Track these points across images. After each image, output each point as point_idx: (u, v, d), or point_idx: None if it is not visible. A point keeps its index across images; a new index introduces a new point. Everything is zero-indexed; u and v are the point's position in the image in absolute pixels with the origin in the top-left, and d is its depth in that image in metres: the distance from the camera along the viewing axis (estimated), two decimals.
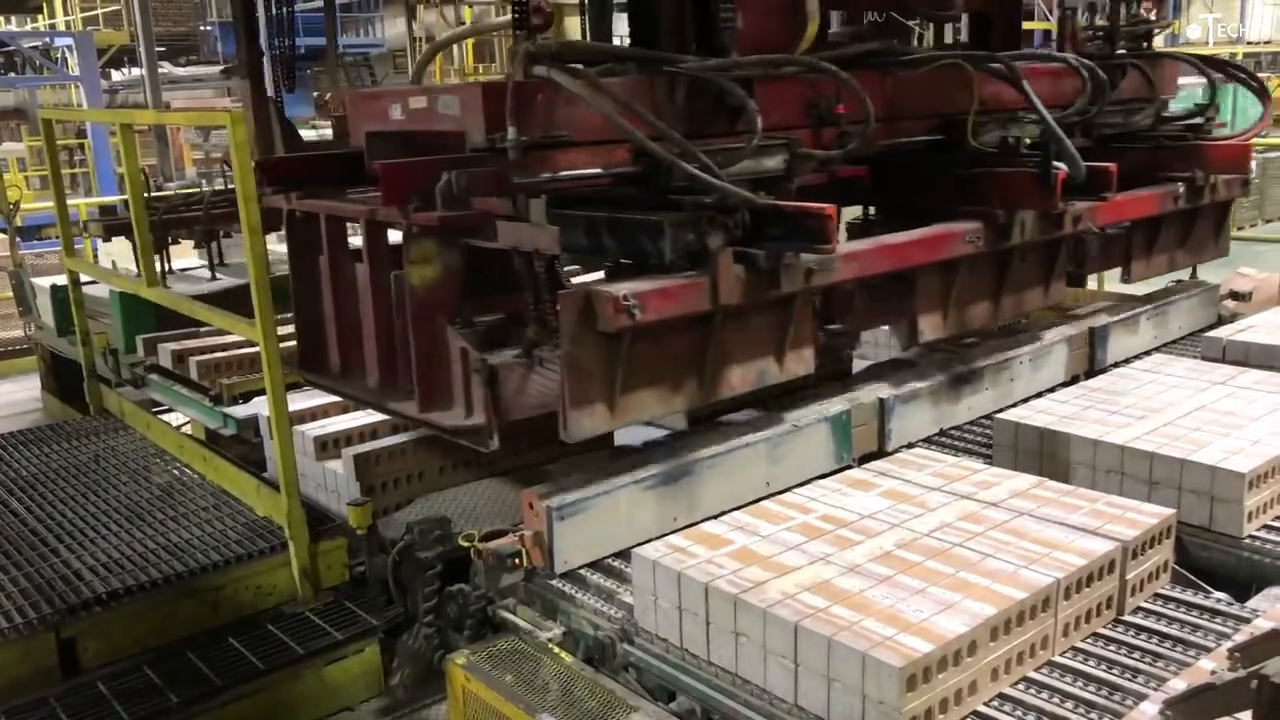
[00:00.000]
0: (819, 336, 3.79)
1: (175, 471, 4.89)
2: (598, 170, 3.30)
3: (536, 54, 3.15)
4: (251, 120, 5.97)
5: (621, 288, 3.06)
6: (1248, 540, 3.16)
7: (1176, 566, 3.00)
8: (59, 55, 17.78)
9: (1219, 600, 2.87)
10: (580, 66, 3.23)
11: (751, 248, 3.28)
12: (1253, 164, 5.21)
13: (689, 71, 3.42)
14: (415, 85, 8.28)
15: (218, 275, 7.07)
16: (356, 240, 3.98)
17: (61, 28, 22.38)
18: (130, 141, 4.99)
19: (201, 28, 25.49)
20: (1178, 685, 2.22)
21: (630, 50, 3.71)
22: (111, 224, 7.26)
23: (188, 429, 5.60)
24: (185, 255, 7.83)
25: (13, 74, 18.88)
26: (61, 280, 6.28)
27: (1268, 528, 3.22)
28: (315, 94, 24.14)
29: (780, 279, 3.35)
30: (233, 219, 6.17)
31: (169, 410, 5.70)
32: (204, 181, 19.02)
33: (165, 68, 23.29)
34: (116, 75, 24.97)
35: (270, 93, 6.50)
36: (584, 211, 3.45)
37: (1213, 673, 2.18)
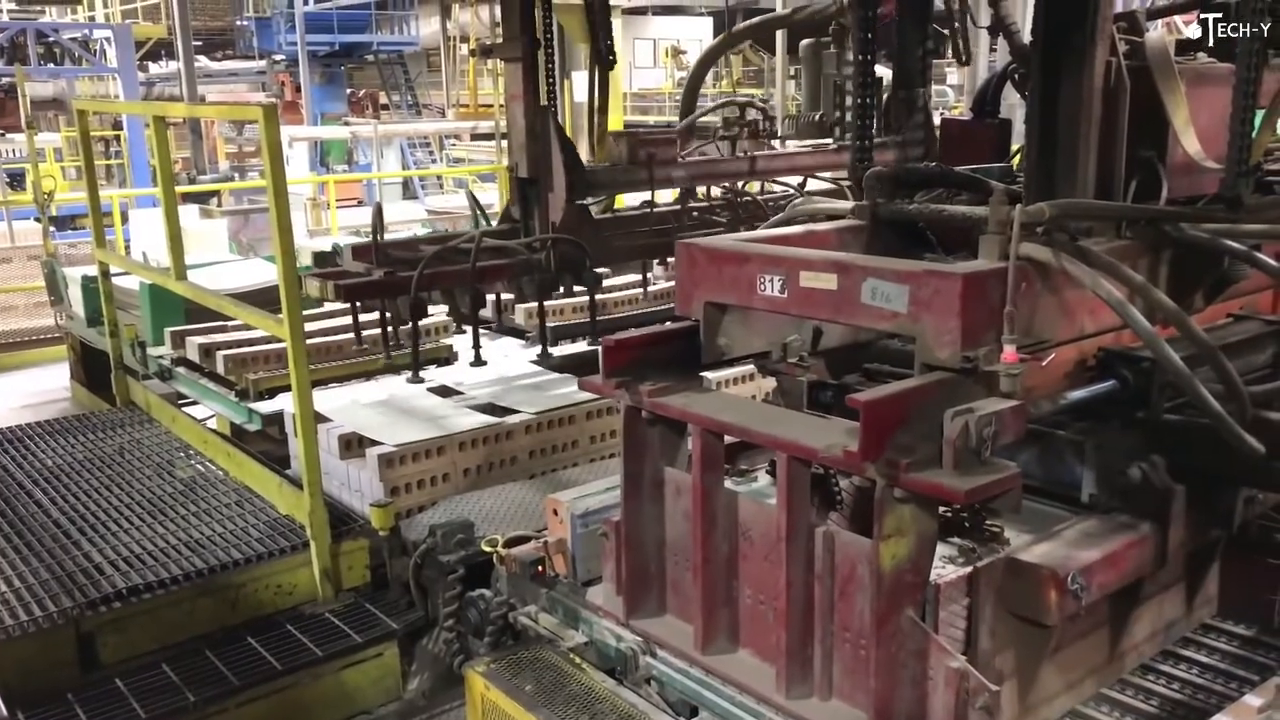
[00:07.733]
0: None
1: (199, 466, 4.87)
2: (1081, 392, 2.56)
3: (1031, 224, 2.39)
4: (520, 118, 4.84)
5: (1061, 558, 2.31)
6: None
7: None
8: (97, 47, 17.92)
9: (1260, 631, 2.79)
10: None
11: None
12: None
13: (1199, 237, 2.68)
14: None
15: (484, 360, 5.04)
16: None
17: (101, 19, 22.61)
18: (162, 134, 4.96)
19: (238, 22, 25.69)
20: None
21: (1139, 209, 2.81)
22: (351, 284, 4.53)
23: (213, 423, 5.59)
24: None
25: (52, 64, 19.06)
26: (92, 270, 6.24)
27: None
28: (349, 90, 24.30)
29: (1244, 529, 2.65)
30: (506, 274, 4.85)
31: (195, 403, 5.69)
32: (236, 175, 19.17)
33: (201, 62, 23.54)
34: (154, 68, 25.22)
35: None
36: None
37: (1260, 710, 2.11)
